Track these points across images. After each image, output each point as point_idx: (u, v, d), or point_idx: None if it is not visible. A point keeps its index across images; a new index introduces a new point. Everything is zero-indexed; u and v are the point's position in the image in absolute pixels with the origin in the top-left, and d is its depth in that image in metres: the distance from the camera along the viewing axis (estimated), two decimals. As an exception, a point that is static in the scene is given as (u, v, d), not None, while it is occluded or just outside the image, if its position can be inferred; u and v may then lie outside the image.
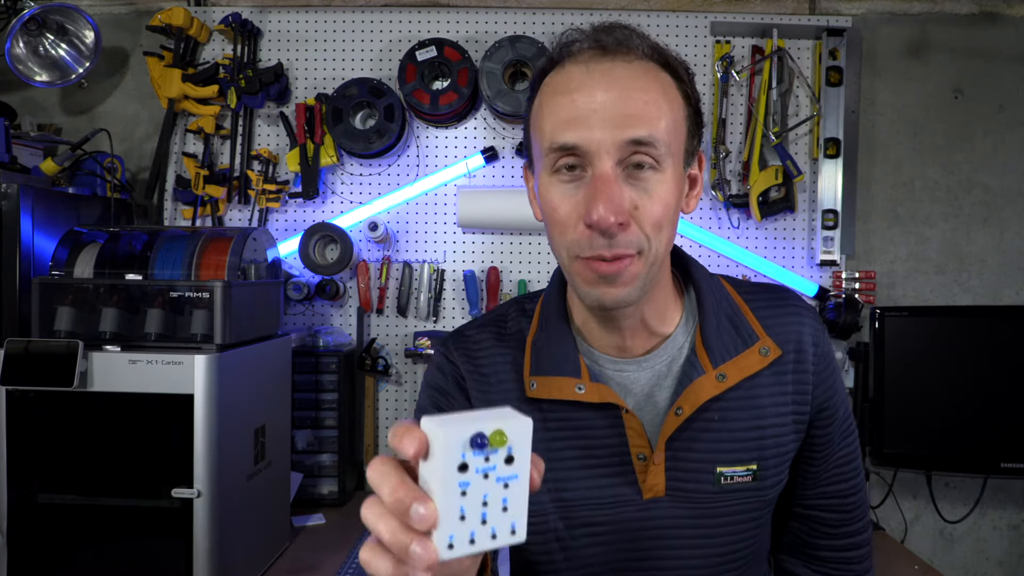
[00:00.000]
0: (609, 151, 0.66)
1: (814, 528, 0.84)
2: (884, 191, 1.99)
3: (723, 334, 0.76)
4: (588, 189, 0.67)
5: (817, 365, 0.79)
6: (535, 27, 1.94)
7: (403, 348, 1.96)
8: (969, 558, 2.00)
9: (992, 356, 1.74)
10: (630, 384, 0.77)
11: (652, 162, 0.67)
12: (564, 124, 0.67)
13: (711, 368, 0.74)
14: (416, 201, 1.96)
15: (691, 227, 1.93)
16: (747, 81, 1.92)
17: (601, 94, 0.66)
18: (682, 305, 0.80)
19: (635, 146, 0.66)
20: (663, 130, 0.67)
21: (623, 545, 0.75)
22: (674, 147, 0.69)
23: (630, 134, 0.65)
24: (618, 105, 0.66)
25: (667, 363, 0.77)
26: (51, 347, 1.27)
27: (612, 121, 0.65)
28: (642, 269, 0.69)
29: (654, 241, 0.68)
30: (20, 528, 1.31)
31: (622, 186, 0.66)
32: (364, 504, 0.47)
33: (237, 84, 1.84)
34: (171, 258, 1.41)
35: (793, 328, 0.78)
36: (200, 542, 1.27)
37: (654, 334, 0.77)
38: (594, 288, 0.69)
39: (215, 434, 1.27)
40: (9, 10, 1.84)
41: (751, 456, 0.75)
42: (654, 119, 0.67)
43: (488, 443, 0.46)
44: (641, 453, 0.74)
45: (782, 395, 0.77)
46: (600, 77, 0.67)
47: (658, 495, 0.75)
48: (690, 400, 0.73)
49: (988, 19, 1.97)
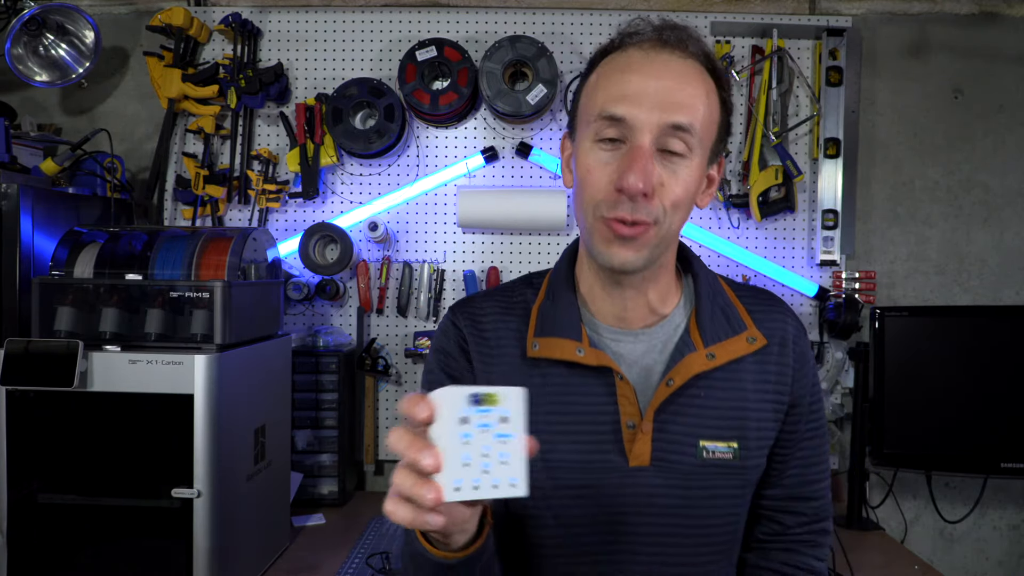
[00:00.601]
0: (651, 129, 0.74)
1: (772, 529, 0.89)
2: (884, 191, 1.99)
3: (716, 320, 0.83)
4: (624, 159, 0.74)
5: (797, 362, 0.86)
6: (535, 27, 1.94)
7: (403, 348, 1.96)
8: (969, 558, 2.00)
9: (992, 356, 1.74)
10: (626, 354, 0.83)
11: (684, 148, 0.75)
12: (617, 98, 0.75)
13: (703, 347, 0.81)
14: (416, 201, 1.96)
15: (691, 227, 1.93)
16: (747, 81, 1.92)
17: (654, 80, 0.74)
18: (681, 292, 0.88)
19: (673, 130, 0.74)
20: (700, 123, 0.75)
21: (607, 509, 0.80)
22: (704, 142, 0.78)
23: (672, 118, 0.74)
24: (667, 91, 0.74)
25: (662, 340, 0.84)
26: (51, 347, 1.27)
27: (659, 104, 0.74)
28: (653, 239, 0.77)
29: (670, 217, 0.76)
30: (20, 528, 1.31)
31: (654, 162, 0.74)
32: (395, 469, 0.57)
33: (237, 84, 1.84)
34: (171, 258, 1.40)
35: (778, 325, 0.86)
36: (200, 542, 1.27)
37: (653, 312, 0.84)
38: (608, 247, 0.77)
39: (215, 434, 1.27)
40: (9, 10, 1.84)
41: (733, 434, 0.81)
42: (695, 111, 0.75)
43: (483, 401, 0.56)
44: (631, 421, 0.80)
45: (764, 382, 0.83)
46: (657, 65, 0.75)
47: (643, 464, 0.80)
48: (681, 373, 0.80)
49: (988, 19, 1.97)
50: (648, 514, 0.80)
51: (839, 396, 1.91)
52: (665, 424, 0.80)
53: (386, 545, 1.58)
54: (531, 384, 0.66)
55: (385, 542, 1.60)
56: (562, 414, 0.81)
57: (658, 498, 0.80)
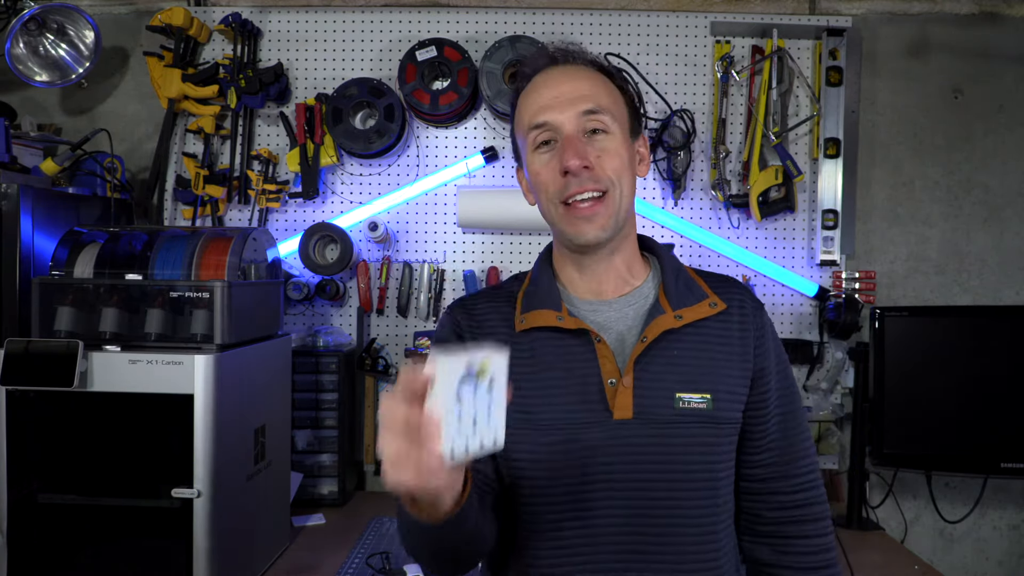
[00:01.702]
0: (570, 120, 0.90)
1: (766, 501, 0.96)
2: (884, 191, 1.99)
3: (680, 290, 0.95)
4: (559, 149, 0.90)
5: (758, 331, 0.96)
6: (535, 27, 1.94)
7: (403, 348, 1.96)
8: (969, 558, 2.00)
9: (992, 356, 1.74)
10: (603, 320, 0.94)
11: (603, 124, 0.90)
12: (537, 111, 0.92)
13: (671, 310, 0.92)
14: (416, 201, 1.96)
15: (691, 227, 1.93)
16: (747, 81, 1.92)
17: (558, 87, 0.92)
18: (649, 269, 1.00)
19: (588, 115, 0.90)
20: (606, 104, 0.91)
21: (593, 461, 0.88)
22: (619, 119, 0.92)
23: (583, 106, 0.90)
24: (572, 90, 0.91)
25: (635, 308, 0.95)
26: (51, 347, 1.27)
27: (569, 101, 0.90)
28: (612, 208, 0.90)
29: (617, 184, 0.90)
30: (20, 528, 1.31)
31: (584, 143, 0.90)
32: (381, 437, 0.63)
33: (237, 84, 1.84)
34: (171, 258, 1.40)
35: (736, 298, 0.97)
36: (200, 542, 1.27)
37: (625, 283, 0.96)
38: (576, 227, 0.90)
39: (215, 434, 1.27)
40: (9, 10, 1.84)
41: (705, 387, 0.90)
42: (598, 96, 0.91)
43: (478, 371, 0.61)
44: (612, 379, 0.89)
45: (728, 342, 0.93)
46: (557, 76, 0.93)
47: (626, 416, 0.88)
48: (653, 330, 0.90)
49: (988, 19, 1.97)
50: (631, 463, 0.88)
51: (839, 396, 1.91)
52: (643, 378, 0.89)
53: (386, 545, 1.58)
54: (518, 352, 0.86)
55: (385, 542, 1.60)
56: (548, 377, 0.90)
57: (641, 447, 0.88)
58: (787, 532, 0.94)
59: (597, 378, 0.89)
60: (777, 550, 0.95)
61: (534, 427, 0.89)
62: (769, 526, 0.95)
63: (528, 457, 0.89)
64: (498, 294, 1.01)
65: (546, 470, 0.89)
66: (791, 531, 0.94)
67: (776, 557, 0.94)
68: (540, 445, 0.89)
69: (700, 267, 1.12)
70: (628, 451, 0.88)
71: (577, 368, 0.90)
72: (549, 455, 0.88)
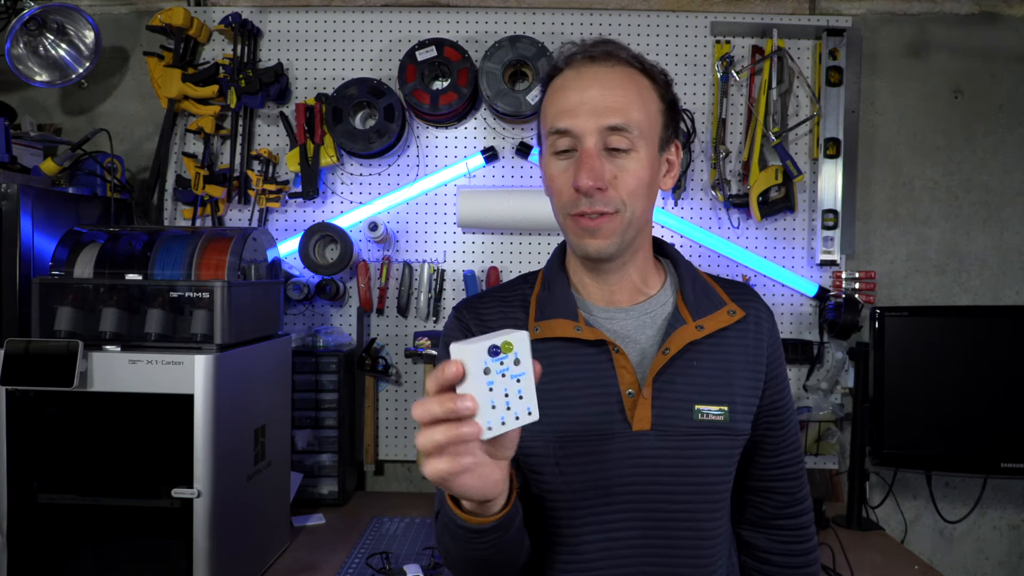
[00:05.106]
0: (592, 133, 0.85)
1: (774, 499, 0.99)
2: (884, 191, 1.99)
3: (698, 298, 0.93)
4: (576, 163, 0.85)
5: (771, 338, 0.96)
6: (535, 27, 1.94)
7: (403, 348, 1.96)
8: (969, 558, 2.00)
9: (992, 356, 1.74)
10: (620, 330, 0.92)
11: (627, 143, 0.85)
12: (560, 114, 0.87)
13: (691, 320, 0.91)
14: (416, 201, 1.96)
15: (691, 227, 1.93)
16: (747, 81, 1.92)
17: (588, 91, 0.86)
18: (664, 277, 0.98)
19: (612, 131, 0.84)
20: (636, 120, 0.85)
21: (612, 472, 0.87)
22: (648, 135, 0.87)
23: (608, 121, 0.84)
24: (600, 99, 0.85)
25: (652, 315, 0.93)
26: (51, 347, 1.27)
27: (594, 111, 0.85)
28: (619, 226, 0.87)
29: (630, 205, 0.86)
30: (20, 528, 1.31)
31: (603, 160, 0.85)
32: (419, 433, 0.63)
33: (237, 84, 1.84)
34: (171, 258, 1.40)
35: (752, 306, 0.96)
36: (200, 542, 1.27)
37: (640, 292, 0.94)
38: (581, 239, 0.88)
39: (215, 434, 1.27)
40: (9, 10, 1.84)
41: (723, 399, 0.89)
42: (628, 110, 0.85)
43: (501, 350, 0.64)
44: (630, 390, 0.88)
45: (744, 352, 0.93)
46: (588, 78, 0.87)
47: (645, 428, 0.87)
48: (675, 342, 0.89)
49: (988, 19, 1.97)
50: (650, 475, 0.87)
51: (839, 396, 1.91)
52: (663, 390, 0.88)
53: (386, 545, 1.58)
54: None
55: (385, 542, 1.61)
56: (566, 388, 0.89)
57: (659, 459, 0.87)
58: (786, 523, 0.99)
59: (615, 389, 0.88)
60: (774, 539, 1.00)
61: (552, 438, 0.87)
62: (770, 518, 1.00)
63: (546, 468, 0.88)
64: (508, 297, 0.98)
65: (565, 483, 0.88)
66: (790, 522, 0.99)
67: (772, 544, 0.99)
68: (559, 456, 0.88)
69: (700, 267, 1.12)
70: (647, 463, 0.87)
71: (595, 377, 0.89)
72: (568, 466, 0.88)
